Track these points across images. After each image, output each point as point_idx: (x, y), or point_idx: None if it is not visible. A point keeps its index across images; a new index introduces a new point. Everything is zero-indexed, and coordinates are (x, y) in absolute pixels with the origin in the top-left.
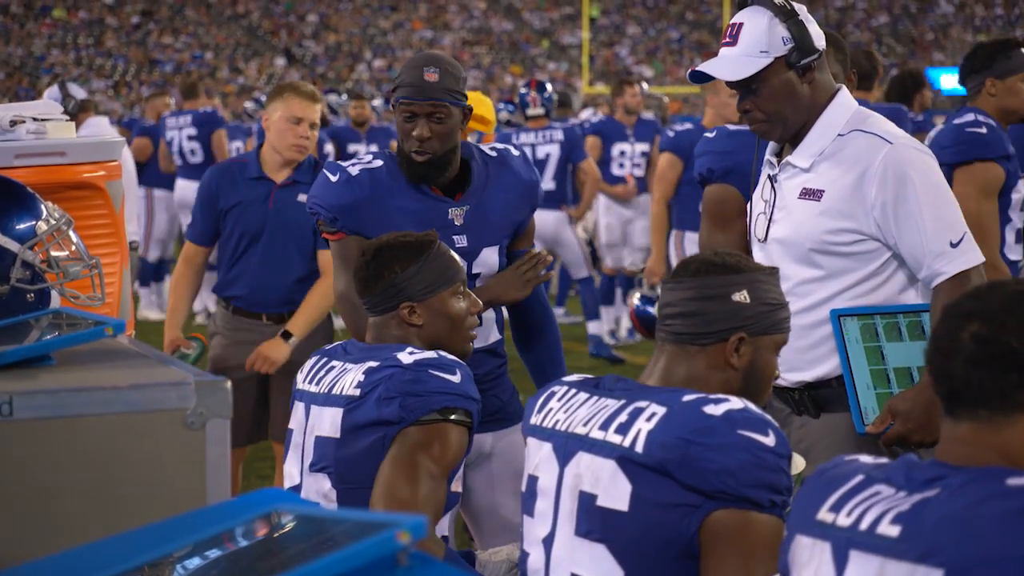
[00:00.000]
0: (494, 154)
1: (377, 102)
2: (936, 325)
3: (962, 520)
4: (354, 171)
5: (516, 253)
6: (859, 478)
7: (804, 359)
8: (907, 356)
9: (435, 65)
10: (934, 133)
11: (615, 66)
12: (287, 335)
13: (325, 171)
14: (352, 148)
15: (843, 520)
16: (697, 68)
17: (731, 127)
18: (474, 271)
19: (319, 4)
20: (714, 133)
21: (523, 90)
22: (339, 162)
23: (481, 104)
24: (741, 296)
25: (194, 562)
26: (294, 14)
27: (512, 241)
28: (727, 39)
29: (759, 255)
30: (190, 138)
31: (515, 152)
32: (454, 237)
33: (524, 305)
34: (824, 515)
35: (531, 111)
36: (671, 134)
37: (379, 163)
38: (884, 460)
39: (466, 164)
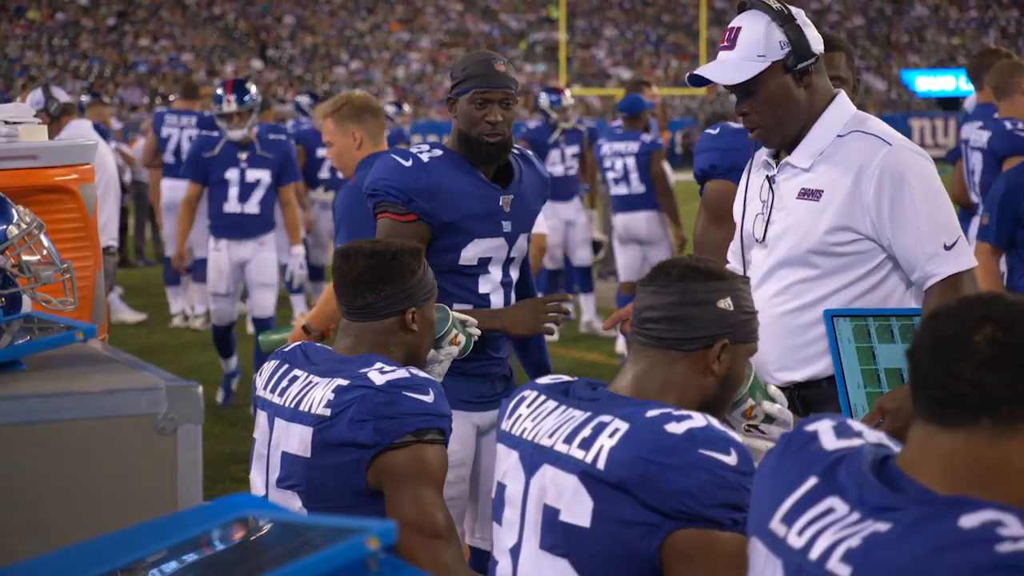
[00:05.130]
0: (518, 151)
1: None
2: (939, 326)
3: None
4: (424, 158)
5: None
6: (812, 482)
7: (795, 358)
8: (898, 358)
9: (499, 59)
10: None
11: (592, 68)
12: (307, 329)
13: (394, 157)
14: (321, 152)
15: (794, 540)
16: (695, 72)
17: (734, 125)
18: (511, 255)
19: (295, 6)
20: (717, 130)
21: (219, 91)
22: (401, 149)
23: None
24: (726, 303)
25: (166, 567)
26: (270, 16)
27: None
28: (725, 43)
29: (756, 255)
30: (192, 140)
31: (530, 152)
32: (502, 222)
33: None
34: (776, 526)
35: (226, 108)
36: None
37: (439, 152)
38: (845, 444)
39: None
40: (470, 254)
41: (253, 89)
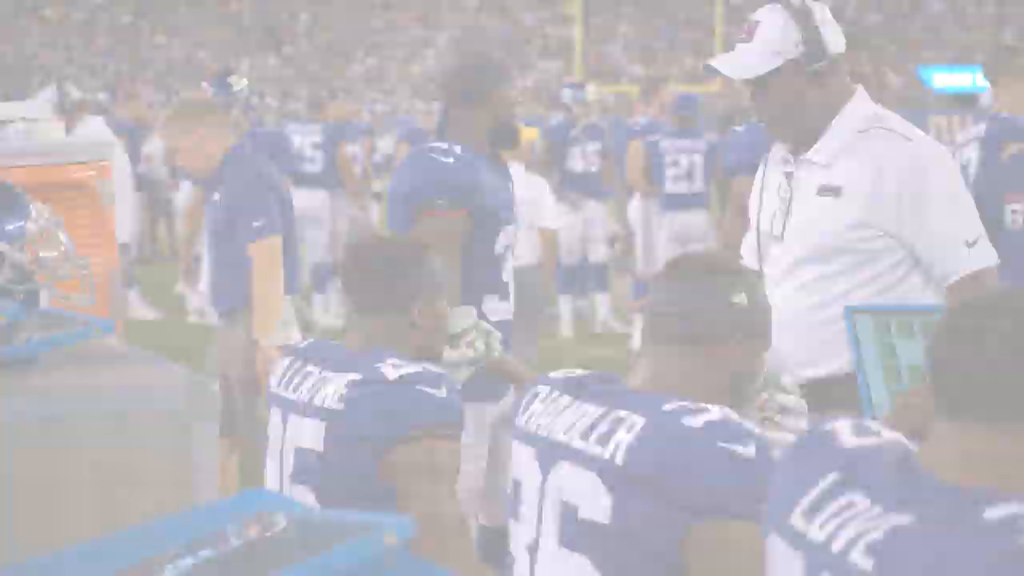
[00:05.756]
0: None
1: (380, 106)
2: (957, 321)
3: (937, 570)
4: (459, 151)
5: None
6: (832, 478)
7: (815, 354)
8: (919, 355)
9: None
10: None
11: (607, 64)
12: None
13: (434, 156)
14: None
15: (816, 534)
16: (710, 63)
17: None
18: (515, 240)
19: (311, 3)
20: (743, 128)
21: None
22: (435, 147)
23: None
24: (741, 299)
25: (183, 563)
26: (286, 12)
27: None
28: (744, 35)
29: (775, 251)
30: None
31: None
32: (513, 209)
33: None
34: (797, 520)
35: None
36: None
37: (459, 148)
38: (863, 442)
39: None
40: (500, 244)
41: (242, 82)
